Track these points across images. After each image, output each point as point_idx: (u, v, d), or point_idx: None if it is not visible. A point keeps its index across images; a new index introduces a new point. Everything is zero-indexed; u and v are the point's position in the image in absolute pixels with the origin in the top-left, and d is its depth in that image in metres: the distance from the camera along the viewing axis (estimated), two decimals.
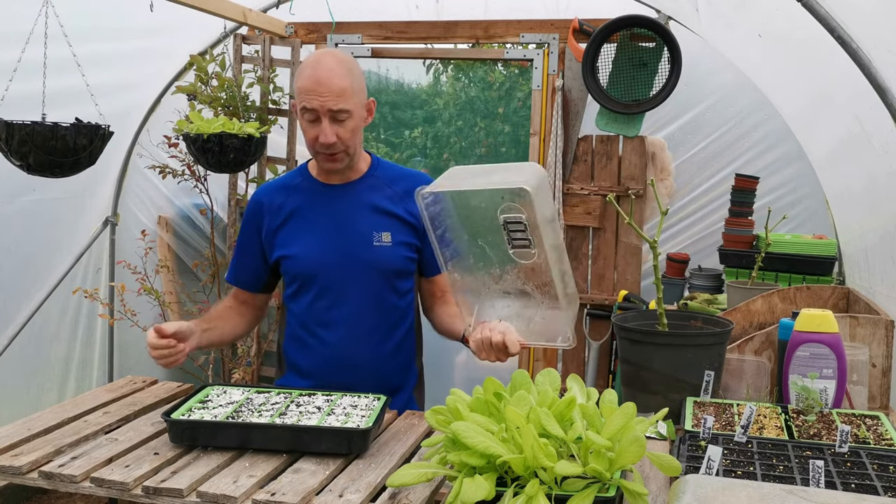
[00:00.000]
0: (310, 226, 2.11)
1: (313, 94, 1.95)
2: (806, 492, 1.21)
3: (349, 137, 2.01)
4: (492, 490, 1.28)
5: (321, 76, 1.96)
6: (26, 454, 1.55)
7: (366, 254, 2.08)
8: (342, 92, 1.97)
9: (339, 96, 1.96)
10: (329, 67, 1.98)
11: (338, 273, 2.09)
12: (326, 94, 1.95)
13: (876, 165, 2.57)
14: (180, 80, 4.14)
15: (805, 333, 1.83)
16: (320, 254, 2.09)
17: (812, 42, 2.48)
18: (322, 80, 1.95)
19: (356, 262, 2.08)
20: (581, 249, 3.82)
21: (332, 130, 1.98)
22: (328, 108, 1.96)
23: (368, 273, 2.09)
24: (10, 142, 2.61)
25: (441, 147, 4.50)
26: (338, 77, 1.97)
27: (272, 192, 2.18)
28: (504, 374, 1.67)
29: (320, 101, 1.95)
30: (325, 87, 1.95)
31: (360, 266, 2.08)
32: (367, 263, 2.08)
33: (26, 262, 3.82)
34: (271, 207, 2.14)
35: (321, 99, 1.95)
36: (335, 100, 1.96)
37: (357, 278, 2.09)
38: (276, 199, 2.15)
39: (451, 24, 3.85)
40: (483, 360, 1.78)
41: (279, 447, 1.61)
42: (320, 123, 1.98)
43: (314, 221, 2.11)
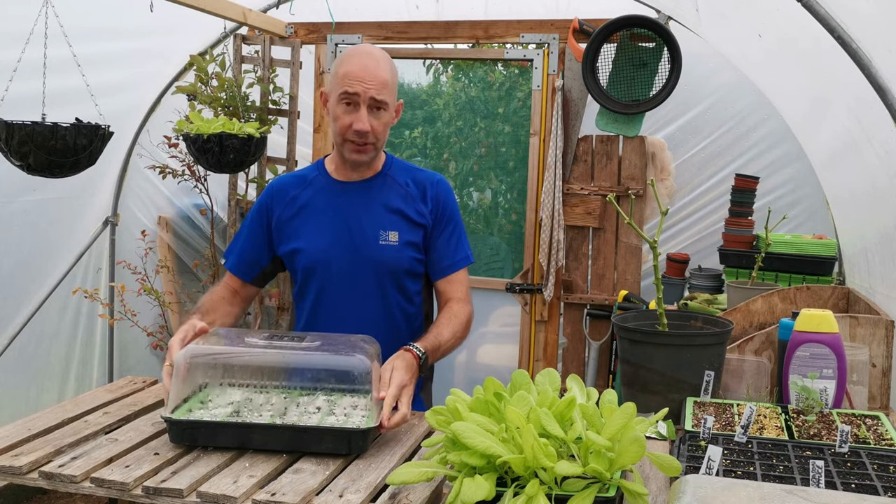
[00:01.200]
0: (319, 221, 2.11)
1: (358, 79, 1.95)
2: (806, 492, 1.21)
3: (381, 131, 2.03)
4: (492, 490, 1.28)
5: (369, 64, 1.97)
6: (26, 454, 1.55)
7: (371, 251, 2.08)
8: (385, 83, 1.99)
9: (382, 87, 1.98)
10: (376, 58, 2.00)
11: (343, 270, 2.09)
12: (371, 81, 1.96)
13: (876, 165, 2.57)
14: (180, 81, 4.14)
15: (805, 333, 1.83)
16: (326, 250, 2.09)
17: (812, 42, 2.48)
18: (369, 68, 1.96)
19: (361, 259, 2.08)
20: (581, 249, 3.82)
21: (368, 119, 1.98)
22: (371, 96, 1.96)
23: (374, 271, 2.09)
24: (10, 142, 2.61)
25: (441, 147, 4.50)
26: (383, 69, 1.99)
27: (287, 183, 2.17)
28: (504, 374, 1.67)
29: (364, 87, 1.95)
30: (371, 74, 1.96)
31: (365, 264, 2.08)
32: (372, 261, 2.08)
33: (26, 262, 3.82)
34: (284, 198, 2.14)
35: (365, 85, 1.95)
36: (378, 89, 1.97)
37: (362, 276, 2.09)
38: (291, 190, 2.15)
39: (451, 24, 3.85)
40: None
41: (279, 447, 1.61)
42: (357, 111, 1.98)
43: (323, 217, 2.11)
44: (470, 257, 2.18)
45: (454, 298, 2.14)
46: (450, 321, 2.06)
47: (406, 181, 2.15)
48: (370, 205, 2.10)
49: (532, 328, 3.89)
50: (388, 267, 2.09)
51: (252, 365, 1.75)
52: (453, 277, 2.15)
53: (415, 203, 2.12)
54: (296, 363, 1.75)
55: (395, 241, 2.08)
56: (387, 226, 2.09)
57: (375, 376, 1.72)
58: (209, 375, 1.74)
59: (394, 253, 2.09)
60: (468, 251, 2.19)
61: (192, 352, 1.73)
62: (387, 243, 2.08)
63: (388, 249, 2.08)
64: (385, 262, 2.09)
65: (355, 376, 1.69)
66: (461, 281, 2.16)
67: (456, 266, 2.15)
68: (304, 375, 1.74)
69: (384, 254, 2.08)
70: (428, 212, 2.13)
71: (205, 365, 1.73)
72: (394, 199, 2.11)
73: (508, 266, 4.39)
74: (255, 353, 1.76)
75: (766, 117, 3.75)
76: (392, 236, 2.08)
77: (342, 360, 1.72)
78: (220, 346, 1.79)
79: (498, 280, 3.98)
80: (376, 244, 2.08)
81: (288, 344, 1.77)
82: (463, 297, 2.15)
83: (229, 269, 2.19)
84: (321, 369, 1.73)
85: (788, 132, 3.69)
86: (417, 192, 2.13)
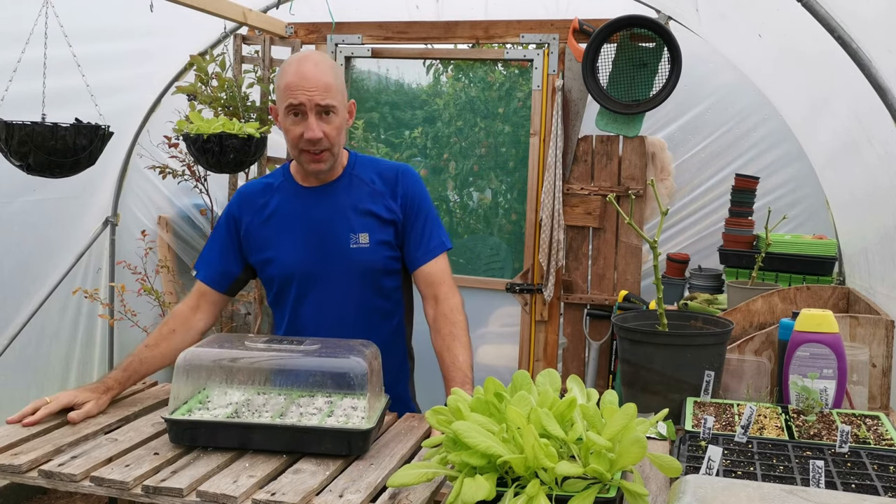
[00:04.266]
0: (288, 229, 2.09)
1: (300, 89, 1.93)
2: (806, 492, 1.21)
3: (335, 135, 1.99)
4: (492, 490, 1.28)
5: (307, 71, 1.94)
6: (25, 453, 1.55)
7: (343, 256, 2.06)
8: (328, 87, 1.95)
9: (325, 91, 1.94)
10: (314, 62, 1.97)
11: (318, 277, 2.07)
12: (313, 88, 1.93)
13: (876, 165, 2.57)
14: (180, 81, 4.14)
15: (805, 333, 1.83)
16: (299, 258, 2.07)
17: (812, 42, 2.48)
18: (308, 76, 1.94)
19: (334, 265, 2.06)
20: (581, 249, 3.82)
21: (318, 126, 1.95)
22: (315, 103, 1.94)
23: (348, 275, 2.07)
24: (10, 142, 2.61)
25: (441, 147, 4.50)
26: (323, 73, 1.96)
27: (254, 191, 2.15)
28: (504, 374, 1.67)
29: (308, 96, 1.93)
30: (311, 81, 1.93)
31: (338, 269, 2.07)
32: (345, 266, 2.06)
33: (26, 262, 3.82)
34: (252, 206, 2.12)
35: (308, 93, 1.93)
36: (322, 94, 1.94)
37: (337, 281, 2.07)
38: (258, 198, 2.12)
39: (451, 24, 3.85)
40: None
41: (279, 447, 1.61)
42: (306, 120, 1.95)
43: (292, 225, 2.09)
44: (446, 243, 2.14)
45: (436, 288, 2.09)
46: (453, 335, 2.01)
47: (371, 177, 2.12)
48: (338, 209, 2.08)
49: (532, 328, 3.89)
50: (362, 269, 2.07)
51: (252, 367, 1.76)
52: (431, 266, 2.10)
53: (383, 199, 2.09)
54: (294, 366, 1.75)
55: (366, 243, 2.06)
56: (357, 228, 2.06)
57: (373, 378, 1.72)
58: (209, 377, 1.74)
59: (367, 255, 2.07)
60: (443, 238, 2.14)
61: (193, 354, 1.73)
62: (358, 246, 2.06)
63: (360, 252, 2.06)
64: (358, 264, 2.07)
65: (352, 378, 1.69)
66: (441, 269, 2.11)
67: (431, 253, 2.11)
68: (302, 378, 1.75)
69: (357, 256, 2.06)
70: (398, 207, 2.10)
71: (205, 367, 1.73)
72: (361, 199, 2.09)
73: (508, 266, 4.39)
74: (255, 356, 1.77)
75: (766, 117, 3.75)
76: (363, 238, 2.06)
77: (339, 363, 1.73)
78: (221, 348, 1.79)
79: (498, 280, 3.98)
80: (348, 248, 2.06)
81: (287, 347, 1.78)
82: (444, 283, 2.10)
83: (203, 280, 2.13)
84: (319, 371, 1.74)
85: (788, 132, 3.68)
86: (385, 188, 2.11)
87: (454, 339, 2.00)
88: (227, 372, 1.75)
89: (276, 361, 1.77)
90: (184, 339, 2.05)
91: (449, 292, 2.09)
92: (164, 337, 2.04)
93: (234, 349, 1.79)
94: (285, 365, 1.76)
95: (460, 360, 1.96)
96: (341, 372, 1.72)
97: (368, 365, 1.71)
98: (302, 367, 1.75)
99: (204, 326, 2.12)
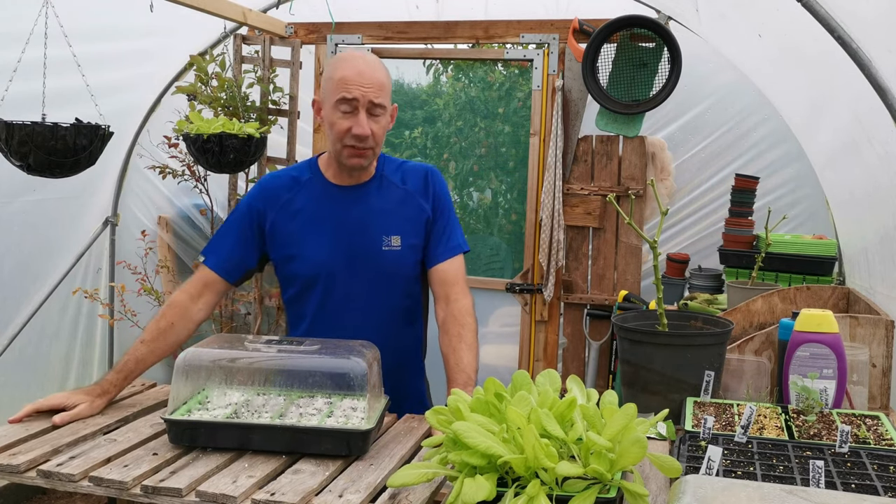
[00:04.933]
0: (319, 227, 2.07)
1: (355, 84, 1.94)
2: (806, 492, 1.20)
3: (380, 135, 2.01)
4: (493, 490, 1.28)
5: (363, 68, 1.96)
6: (24, 453, 1.55)
7: (374, 258, 2.06)
8: (382, 86, 1.97)
9: (379, 89, 1.96)
10: (369, 61, 1.99)
11: (345, 277, 2.07)
12: (369, 84, 1.94)
13: (876, 166, 2.56)
14: (180, 81, 4.14)
15: (805, 333, 1.83)
16: (327, 257, 2.06)
17: (812, 42, 2.48)
18: (364, 72, 1.95)
19: (364, 266, 2.06)
20: (581, 249, 3.82)
21: (367, 123, 1.96)
22: (369, 99, 1.95)
23: (377, 277, 2.07)
24: (10, 142, 2.61)
25: (441, 147, 4.50)
26: (378, 72, 1.98)
27: (279, 185, 2.11)
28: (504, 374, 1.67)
29: (362, 91, 1.94)
30: (367, 78, 1.95)
31: (367, 270, 2.07)
32: (375, 268, 2.07)
33: (26, 262, 3.82)
34: (278, 202, 2.09)
35: (363, 89, 1.94)
36: (376, 92, 1.96)
37: (365, 283, 2.07)
38: (283, 193, 2.10)
39: (451, 24, 3.85)
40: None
41: (279, 448, 1.61)
42: (356, 115, 1.96)
43: (321, 223, 2.07)
44: (463, 245, 2.14)
45: (448, 288, 2.08)
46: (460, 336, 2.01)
47: (402, 179, 2.12)
48: (371, 210, 2.08)
49: (532, 328, 3.89)
50: (391, 271, 2.08)
51: (251, 368, 1.76)
52: (446, 265, 2.10)
53: (415, 200, 2.10)
54: (294, 366, 1.75)
55: (397, 246, 2.07)
56: (389, 230, 2.07)
57: (373, 379, 1.72)
58: (209, 378, 1.74)
59: (397, 257, 2.07)
60: (461, 240, 2.15)
61: (193, 354, 1.73)
62: (390, 248, 2.07)
63: (391, 255, 2.07)
64: (388, 267, 2.07)
65: (352, 378, 1.69)
66: (456, 269, 2.11)
67: (448, 253, 2.11)
68: (302, 378, 1.75)
69: (388, 259, 2.07)
70: (430, 206, 2.12)
71: (204, 368, 1.73)
72: (393, 201, 2.09)
73: (508, 266, 4.39)
74: (255, 357, 1.77)
75: (766, 117, 3.75)
76: (395, 241, 2.07)
77: (339, 363, 1.73)
78: (221, 349, 1.79)
79: (498, 280, 3.98)
80: (379, 250, 2.06)
81: (287, 348, 1.77)
82: (457, 284, 2.09)
83: (212, 267, 2.07)
84: (318, 372, 1.73)
85: (788, 132, 3.68)
86: (416, 188, 2.12)
87: (461, 340, 2.00)
88: (226, 372, 1.75)
89: (275, 362, 1.76)
90: (181, 332, 2.02)
91: (461, 294, 2.08)
92: (162, 332, 1.99)
93: (233, 349, 1.79)
94: (285, 365, 1.76)
95: (464, 361, 1.96)
96: (341, 372, 1.72)
97: (368, 366, 1.70)
98: (301, 368, 1.75)
99: (203, 317, 2.08)
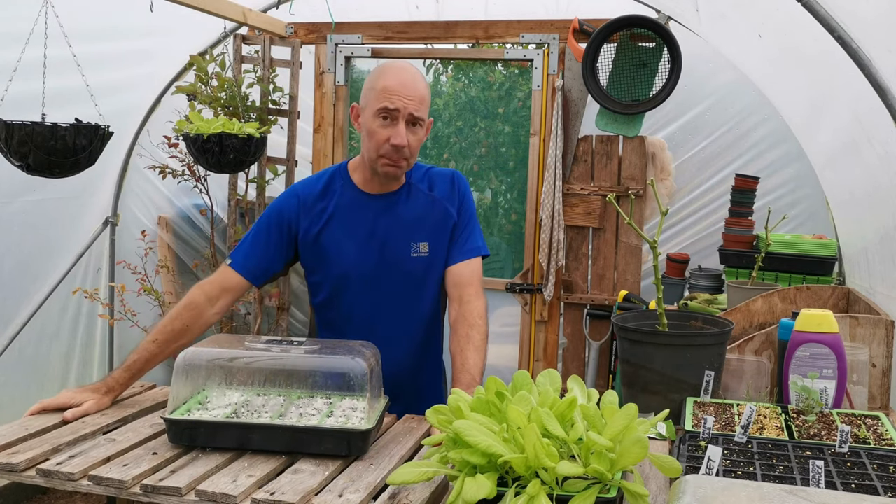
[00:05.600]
0: (349, 235, 2.10)
1: (398, 95, 1.96)
2: (806, 492, 1.20)
3: (416, 147, 2.03)
4: (493, 489, 1.28)
5: (407, 80, 1.98)
6: (23, 452, 1.55)
7: (403, 264, 2.09)
8: (423, 100, 2.00)
9: (420, 103, 1.99)
10: (414, 74, 2.02)
11: (375, 283, 2.10)
12: (412, 97, 1.97)
13: (876, 165, 2.56)
14: (180, 81, 4.14)
15: (805, 333, 1.82)
16: (357, 264, 2.09)
17: (812, 42, 2.48)
18: (408, 84, 1.97)
19: (393, 272, 2.09)
20: (581, 249, 3.82)
21: (405, 135, 1.98)
22: (410, 112, 1.97)
23: (405, 283, 2.11)
24: (10, 142, 2.61)
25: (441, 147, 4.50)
26: (421, 85, 2.01)
27: (312, 195, 2.13)
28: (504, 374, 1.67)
29: (404, 103, 1.96)
30: (410, 90, 1.97)
31: (396, 276, 2.10)
32: (403, 274, 2.10)
33: (26, 262, 3.82)
34: (311, 211, 2.11)
35: (406, 101, 1.96)
36: (417, 105, 1.98)
37: (393, 288, 2.10)
38: (317, 203, 2.12)
39: (451, 24, 3.85)
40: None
41: (278, 447, 1.61)
42: (395, 125, 1.97)
43: (354, 231, 2.10)
44: (482, 249, 2.16)
45: (462, 289, 2.09)
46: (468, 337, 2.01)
47: (428, 185, 2.15)
48: (400, 218, 2.10)
49: (532, 328, 3.89)
50: (419, 277, 2.11)
51: (251, 368, 1.76)
52: (462, 266, 2.11)
53: (442, 205, 2.13)
54: (294, 366, 1.75)
55: (425, 253, 2.10)
56: (417, 238, 2.10)
57: (373, 379, 1.72)
58: (208, 378, 1.74)
59: (425, 264, 2.11)
60: (480, 243, 2.17)
61: (193, 354, 1.73)
62: (418, 255, 2.09)
63: (420, 261, 2.10)
64: (417, 273, 2.10)
65: (352, 378, 1.69)
66: (471, 271, 2.12)
67: (466, 255, 2.12)
68: (302, 378, 1.75)
69: (416, 266, 2.10)
70: (455, 210, 2.14)
71: (204, 367, 1.73)
72: (421, 208, 2.12)
73: (508, 266, 4.39)
74: (254, 357, 1.77)
75: (766, 117, 3.75)
76: (423, 247, 2.10)
77: (339, 363, 1.73)
78: (220, 349, 1.79)
79: (498, 280, 3.98)
80: (408, 256, 2.09)
81: (286, 347, 1.77)
82: (471, 285, 2.10)
83: (239, 270, 2.10)
84: (319, 372, 1.74)
85: (788, 132, 3.68)
86: (443, 193, 2.14)
87: (469, 341, 2.00)
88: (226, 372, 1.75)
89: (275, 362, 1.76)
90: (194, 335, 2.04)
91: (473, 295, 2.09)
92: (175, 333, 1.99)
93: (233, 349, 1.79)
94: (285, 365, 1.76)
95: (470, 362, 1.97)
96: (341, 372, 1.72)
97: (368, 365, 1.71)
98: (301, 368, 1.75)
99: (215, 321, 2.11)
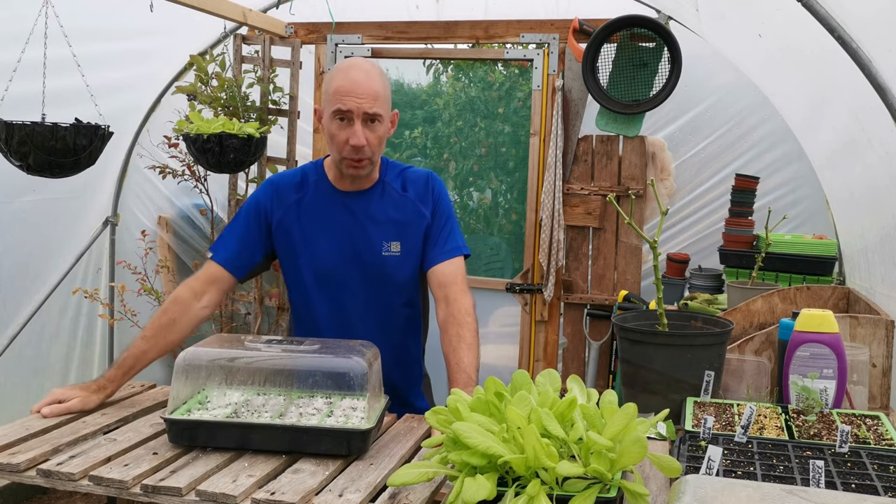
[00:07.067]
0: (320, 231, 2.10)
1: (350, 95, 1.95)
2: (806, 492, 1.20)
3: (377, 144, 2.01)
4: (493, 489, 1.28)
5: (358, 78, 1.96)
6: (24, 452, 1.55)
7: (374, 263, 2.09)
8: (377, 96, 1.98)
9: (374, 100, 1.97)
10: (366, 70, 1.99)
11: (345, 281, 2.10)
12: (363, 95, 1.95)
13: (876, 165, 2.56)
14: (180, 81, 4.14)
15: (805, 333, 1.83)
16: (329, 261, 2.09)
17: (812, 42, 2.48)
18: (359, 82, 1.96)
19: (364, 271, 2.09)
20: (581, 249, 3.81)
21: (363, 134, 1.97)
22: (363, 111, 1.96)
23: (377, 282, 2.10)
24: (10, 142, 2.61)
25: (441, 147, 4.50)
26: (374, 81, 1.98)
27: (287, 185, 2.14)
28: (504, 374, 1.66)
29: (357, 103, 1.95)
30: (362, 88, 1.95)
31: (368, 275, 2.09)
32: (375, 273, 2.09)
33: (26, 262, 3.82)
34: (285, 201, 2.12)
35: (358, 100, 1.95)
36: (371, 102, 1.96)
37: (365, 287, 2.10)
38: (291, 193, 2.13)
39: (451, 24, 3.85)
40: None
41: (279, 447, 1.61)
42: (352, 126, 1.97)
43: (328, 227, 2.10)
44: (462, 248, 2.14)
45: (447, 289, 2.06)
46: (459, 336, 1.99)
47: (401, 185, 2.14)
48: (372, 216, 2.10)
49: (532, 328, 3.89)
50: (392, 277, 2.10)
51: (251, 367, 1.76)
52: (444, 266, 2.09)
53: (415, 206, 2.11)
54: (294, 366, 1.75)
55: (397, 252, 2.09)
56: (390, 237, 2.09)
57: (373, 378, 1.72)
58: (209, 378, 1.74)
59: (397, 263, 2.10)
60: (460, 242, 2.15)
61: (193, 354, 1.73)
62: (390, 254, 2.09)
63: (391, 259, 2.09)
64: (389, 273, 2.10)
65: (352, 378, 1.69)
66: (454, 270, 2.10)
67: (447, 255, 2.11)
68: (302, 378, 1.75)
69: (388, 264, 2.09)
70: (429, 211, 2.13)
71: (204, 367, 1.73)
72: (394, 207, 2.11)
73: (508, 266, 4.39)
74: (254, 357, 1.77)
75: (766, 117, 3.75)
76: (395, 247, 2.09)
77: (339, 363, 1.73)
78: (221, 348, 1.79)
79: (498, 280, 3.98)
80: (380, 255, 2.09)
81: (287, 347, 1.77)
82: (456, 284, 2.08)
83: (221, 262, 2.09)
84: (318, 372, 1.74)
85: (788, 132, 3.68)
86: (417, 194, 2.13)
87: (460, 340, 1.99)
88: (226, 372, 1.75)
89: (275, 362, 1.76)
90: (183, 328, 2.02)
91: (460, 294, 2.07)
92: (163, 328, 2.00)
93: (233, 349, 1.79)
94: (285, 365, 1.76)
95: (465, 361, 1.96)
96: (341, 372, 1.72)
97: (368, 365, 1.71)
98: (301, 368, 1.75)
99: (206, 315, 2.09)
